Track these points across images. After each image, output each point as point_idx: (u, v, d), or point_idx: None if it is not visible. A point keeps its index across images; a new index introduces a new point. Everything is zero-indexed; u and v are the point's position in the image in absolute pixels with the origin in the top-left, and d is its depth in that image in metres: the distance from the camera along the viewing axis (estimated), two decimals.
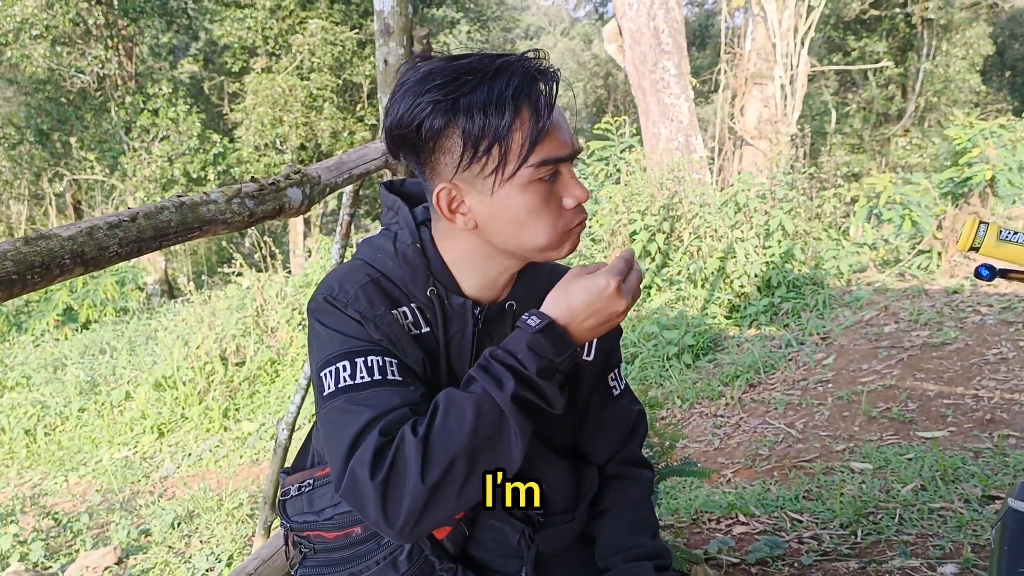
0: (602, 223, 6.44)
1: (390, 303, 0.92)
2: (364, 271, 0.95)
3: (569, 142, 0.89)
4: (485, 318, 0.96)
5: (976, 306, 4.55)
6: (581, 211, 0.92)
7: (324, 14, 13.09)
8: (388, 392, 0.85)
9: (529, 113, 0.85)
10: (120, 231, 0.86)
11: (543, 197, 0.88)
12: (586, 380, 1.08)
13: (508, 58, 0.86)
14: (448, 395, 0.84)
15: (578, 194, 0.90)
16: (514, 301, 0.98)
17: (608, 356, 1.10)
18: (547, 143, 0.86)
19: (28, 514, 3.93)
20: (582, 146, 0.92)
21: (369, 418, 0.83)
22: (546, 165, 0.87)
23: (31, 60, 11.98)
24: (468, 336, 0.96)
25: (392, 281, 0.95)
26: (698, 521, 2.72)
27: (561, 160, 0.88)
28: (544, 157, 0.86)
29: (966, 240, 1.05)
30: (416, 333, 0.94)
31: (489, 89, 0.83)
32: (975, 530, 2.30)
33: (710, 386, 4.36)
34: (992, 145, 5.64)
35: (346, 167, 1.41)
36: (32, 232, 0.76)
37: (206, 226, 1.01)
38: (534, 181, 0.87)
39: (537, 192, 0.87)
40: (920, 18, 14.13)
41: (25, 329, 8.84)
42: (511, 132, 0.84)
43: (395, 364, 0.88)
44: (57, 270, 0.77)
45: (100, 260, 0.83)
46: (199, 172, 12.68)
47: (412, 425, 0.81)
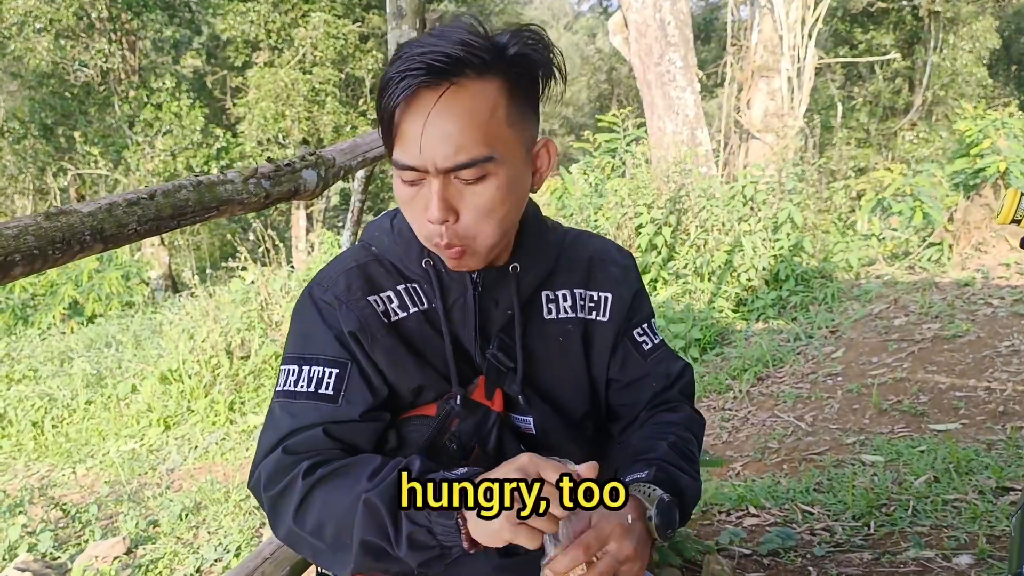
0: (608, 217, 6.41)
1: (370, 288, 0.93)
2: (355, 255, 0.97)
3: (426, 156, 0.80)
4: (484, 283, 0.95)
5: (988, 298, 4.53)
6: (443, 233, 0.84)
7: (326, 8, 13.06)
8: (312, 407, 0.88)
9: (391, 108, 0.81)
10: (139, 208, 0.84)
11: (408, 196, 0.85)
12: (601, 341, 1.03)
13: (429, 46, 0.80)
14: (361, 462, 0.84)
15: (429, 212, 0.82)
16: (518, 264, 0.96)
17: (628, 312, 1.05)
18: (399, 145, 0.82)
19: (36, 505, 3.94)
20: (461, 165, 0.80)
21: (285, 432, 0.88)
22: (399, 167, 0.83)
23: (35, 54, 11.98)
24: (470, 302, 0.94)
25: (386, 262, 0.96)
26: (708, 513, 2.71)
27: (410, 167, 0.82)
28: (396, 158, 0.83)
29: (1008, 211, 1.03)
30: (400, 317, 0.93)
31: (388, 72, 0.81)
32: (990, 521, 2.29)
33: (718, 380, 4.35)
34: (1003, 136, 5.60)
35: (360, 150, 1.40)
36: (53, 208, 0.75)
37: (223, 206, 1.00)
38: (398, 178, 0.85)
39: (403, 189, 0.85)
40: (927, 11, 14.07)
41: (31, 322, 8.86)
42: (385, 123, 0.83)
43: (334, 375, 0.89)
44: (77, 246, 0.75)
45: (119, 237, 0.82)
46: (202, 166, 12.69)
47: (312, 464, 0.84)
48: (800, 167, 6.52)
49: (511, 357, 0.97)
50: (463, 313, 0.95)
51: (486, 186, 0.83)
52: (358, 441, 0.90)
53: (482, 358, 0.96)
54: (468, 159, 0.80)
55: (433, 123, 0.79)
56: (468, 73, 0.80)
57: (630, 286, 1.06)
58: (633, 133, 7.47)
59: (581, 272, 1.03)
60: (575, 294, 1.02)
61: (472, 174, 0.81)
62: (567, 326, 1.01)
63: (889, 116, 15.95)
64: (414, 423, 0.94)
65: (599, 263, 1.05)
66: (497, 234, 0.87)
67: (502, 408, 0.96)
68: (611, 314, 1.03)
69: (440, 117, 0.79)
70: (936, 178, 6.06)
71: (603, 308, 1.03)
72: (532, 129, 0.88)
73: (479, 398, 0.95)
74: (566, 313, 1.01)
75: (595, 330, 1.03)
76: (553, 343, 1.01)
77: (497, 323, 0.97)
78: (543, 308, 1.01)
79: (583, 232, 1.10)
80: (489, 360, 0.96)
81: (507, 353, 0.97)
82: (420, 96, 0.79)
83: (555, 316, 1.01)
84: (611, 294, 1.04)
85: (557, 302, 1.01)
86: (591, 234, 1.10)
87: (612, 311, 1.03)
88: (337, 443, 0.88)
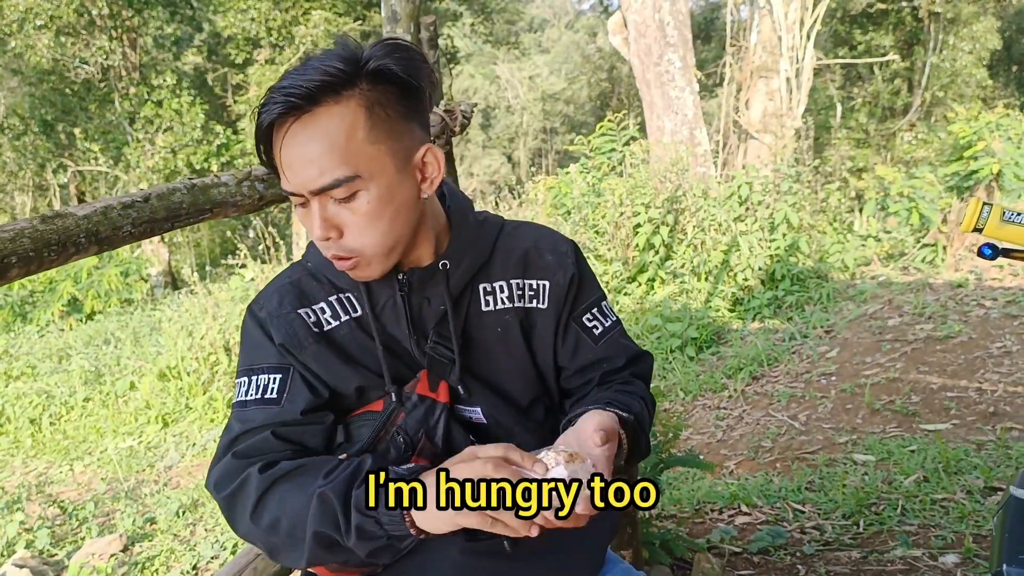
0: (605, 216, 6.43)
1: (301, 302, 0.98)
2: (291, 272, 1.03)
3: (299, 182, 0.86)
4: (411, 282, 0.98)
5: (980, 300, 4.55)
6: (329, 247, 0.91)
7: (327, 5, 13.07)
8: (259, 411, 0.93)
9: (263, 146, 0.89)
10: (133, 211, 0.87)
11: (301, 216, 0.92)
12: (543, 328, 1.05)
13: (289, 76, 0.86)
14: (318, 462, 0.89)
15: (313, 232, 0.89)
16: (447, 260, 1.00)
17: (568, 296, 1.06)
18: (281, 175, 0.89)
19: (34, 502, 3.95)
20: (328, 185, 0.86)
21: (233, 437, 0.93)
22: (286, 192, 0.90)
23: (35, 50, 11.97)
24: (399, 302, 0.99)
25: (320, 275, 1.01)
26: (701, 511, 2.74)
27: (292, 195, 0.89)
28: (281, 186, 0.90)
29: (970, 221, 1.06)
30: (332, 326, 0.98)
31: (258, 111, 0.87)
32: (977, 521, 2.31)
33: (713, 378, 4.37)
34: (998, 139, 5.62)
35: None
36: (49, 211, 0.77)
37: (217, 208, 1.02)
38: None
39: (297, 211, 0.92)
40: (927, 12, 14.07)
41: (30, 319, 8.87)
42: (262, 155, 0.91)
43: (277, 380, 0.95)
44: (73, 248, 0.78)
45: (114, 240, 0.84)
46: (202, 163, 12.69)
47: (266, 464, 0.89)
48: (796, 168, 6.54)
49: (450, 349, 1.00)
50: (395, 313, 0.99)
51: (359, 202, 0.88)
52: (307, 441, 0.94)
53: (421, 353, 1.00)
54: (332, 180, 0.85)
55: (296, 151, 0.85)
56: (324, 100, 0.85)
57: (566, 271, 1.07)
58: (629, 132, 7.48)
59: (517, 263, 1.06)
60: (511, 284, 1.05)
61: (341, 193, 0.87)
62: (505, 316, 1.04)
63: (888, 117, 15.95)
64: (362, 419, 0.98)
65: (535, 252, 1.07)
66: (385, 243, 0.92)
67: (447, 399, 1.00)
68: (549, 301, 1.05)
69: (302, 145, 0.85)
70: (928, 180, 6.08)
71: (542, 296, 1.05)
72: (407, 139, 0.91)
73: (423, 391, 0.99)
74: (503, 304, 1.04)
75: (535, 318, 1.05)
76: (493, 334, 1.03)
77: (432, 319, 1.00)
78: (481, 300, 1.04)
79: (524, 223, 1.12)
80: (429, 354, 1.00)
81: (446, 346, 1.00)
82: (284, 127, 0.86)
83: (493, 308, 1.04)
84: (548, 281, 1.06)
85: (494, 293, 1.04)
86: (532, 224, 1.12)
87: (550, 298, 1.05)
88: (286, 444, 0.92)
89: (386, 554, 0.86)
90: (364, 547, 0.83)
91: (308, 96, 0.84)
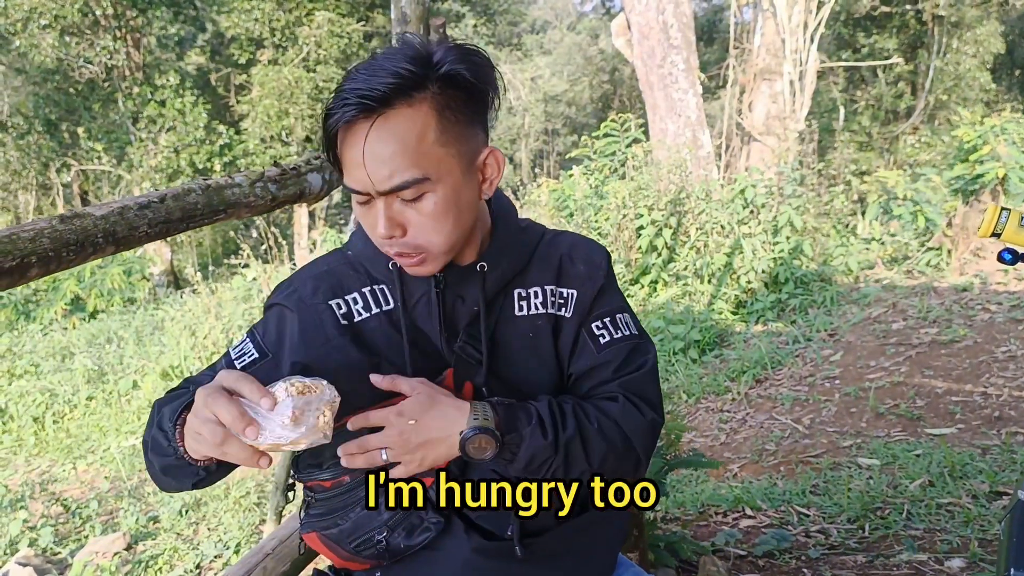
0: (608, 218, 6.43)
1: (335, 292, 0.99)
2: (328, 260, 1.04)
3: (366, 182, 0.87)
4: (447, 280, 0.99)
5: (985, 304, 4.55)
6: (392, 244, 0.92)
7: (331, 6, 13.07)
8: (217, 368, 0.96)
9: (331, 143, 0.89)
10: (150, 212, 0.87)
11: (362, 212, 0.93)
12: (566, 336, 1.05)
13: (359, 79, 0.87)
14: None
15: (377, 230, 0.90)
16: (485, 263, 1.00)
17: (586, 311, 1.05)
18: (345, 171, 0.90)
19: (37, 500, 3.96)
20: (397, 187, 0.87)
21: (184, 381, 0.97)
22: (349, 190, 0.91)
23: (39, 50, 11.99)
24: (433, 298, 0.99)
25: (358, 264, 1.02)
26: (705, 514, 2.73)
27: (356, 192, 0.90)
28: (344, 182, 0.91)
29: (988, 226, 1.06)
30: (362, 317, 0.99)
31: (326, 108, 0.88)
32: (982, 525, 2.31)
33: (716, 381, 4.37)
34: (1003, 143, 5.62)
35: None
36: (67, 211, 0.77)
37: (231, 209, 1.02)
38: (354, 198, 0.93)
39: (357, 208, 0.93)
40: (931, 15, 14.05)
41: (33, 318, 8.88)
42: (329, 152, 0.92)
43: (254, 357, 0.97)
44: (91, 248, 0.78)
45: (131, 239, 0.84)
46: (205, 163, 12.69)
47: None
48: (799, 171, 6.53)
49: (479, 350, 1.00)
50: (428, 309, 1.00)
51: (425, 203, 0.89)
52: None
53: (449, 352, 0.99)
54: (402, 182, 0.86)
55: (368, 152, 0.86)
56: (396, 103, 0.86)
57: (595, 283, 1.07)
58: (631, 134, 7.48)
59: (553, 270, 1.06)
60: (546, 291, 1.05)
61: (410, 194, 0.88)
62: (537, 321, 1.04)
63: (891, 120, 15.93)
64: None
65: (569, 260, 1.07)
66: (448, 242, 0.93)
67: (471, 399, 0.99)
68: (574, 310, 1.06)
69: (373, 146, 0.86)
70: (934, 183, 6.08)
71: (569, 304, 1.06)
72: (473, 142, 0.93)
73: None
74: (536, 309, 1.04)
75: (562, 326, 1.05)
76: (523, 338, 1.03)
77: (464, 319, 1.00)
78: (515, 304, 1.04)
79: (563, 232, 1.13)
80: (457, 353, 0.99)
81: (475, 347, 1.00)
82: (355, 127, 0.86)
83: (526, 312, 1.04)
84: (576, 291, 1.06)
85: (528, 299, 1.04)
86: (570, 233, 1.14)
87: (575, 308, 1.06)
88: None
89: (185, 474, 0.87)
90: (157, 460, 0.87)
91: (382, 98, 0.85)
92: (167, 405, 0.87)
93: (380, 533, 0.97)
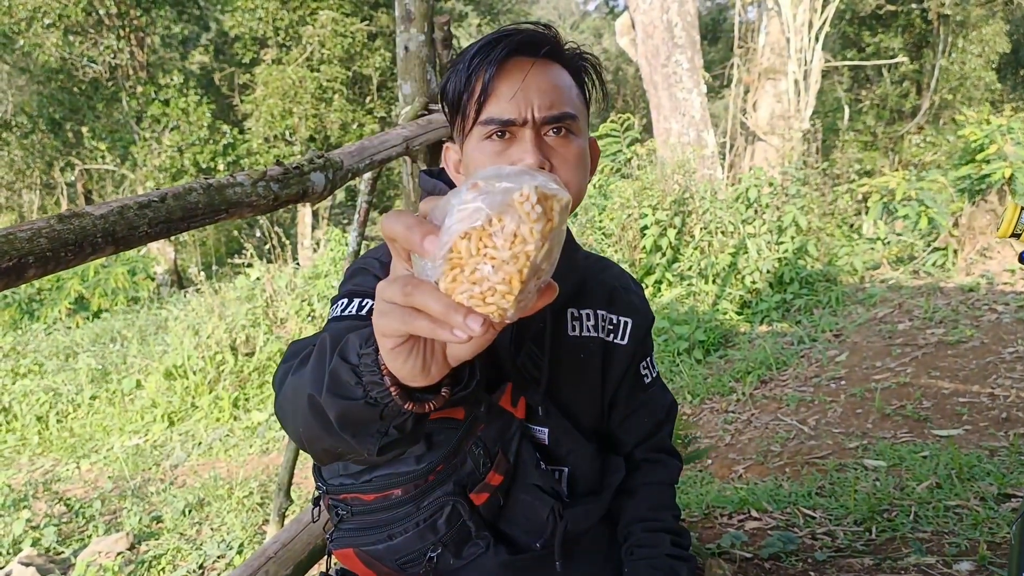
0: (612, 218, 6.41)
1: None
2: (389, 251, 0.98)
3: (525, 106, 0.89)
4: None
5: (992, 304, 4.52)
6: None
7: (335, 5, 13.07)
8: (349, 324, 0.89)
9: (481, 74, 0.90)
10: (150, 211, 0.86)
11: (491, 155, 0.91)
12: (618, 364, 1.08)
13: (511, 28, 0.92)
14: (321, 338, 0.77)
15: (527, 160, 0.89)
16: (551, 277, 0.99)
17: (640, 343, 1.11)
18: (494, 102, 0.90)
19: (40, 500, 3.96)
20: (559, 115, 0.91)
21: (310, 340, 0.84)
22: (491, 124, 0.90)
23: (43, 49, 12.02)
24: None
25: None
26: (710, 516, 2.71)
27: (505, 122, 0.89)
28: (488, 116, 0.90)
29: (1007, 226, 1.04)
30: None
31: (467, 53, 0.91)
32: (991, 528, 2.28)
33: (721, 382, 4.35)
34: (1010, 142, 5.59)
35: (368, 153, 1.41)
36: (66, 211, 0.76)
37: (232, 208, 1.01)
38: (484, 139, 0.91)
39: (485, 150, 0.91)
40: (936, 14, 14.00)
41: (37, 317, 8.89)
42: (469, 91, 0.91)
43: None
44: (89, 248, 0.76)
45: (130, 239, 0.83)
46: (208, 162, 12.71)
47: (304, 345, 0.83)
48: (804, 171, 6.51)
49: (538, 367, 0.99)
50: None
51: (572, 142, 0.93)
52: None
53: (512, 365, 0.98)
54: (561, 111, 0.91)
55: (531, 81, 0.90)
56: (559, 58, 0.94)
57: (647, 317, 1.13)
58: (632, 134, 7.46)
59: (605, 295, 1.09)
60: (598, 315, 1.07)
61: (563, 128, 0.92)
62: (590, 344, 1.05)
63: (896, 119, 15.88)
64: (441, 425, 0.94)
65: (622, 289, 1.11)
66: (580, 192, 0.95)
67: (524, 416, 0.99)
68: (629, 339, 1.09)
69: (536, 77, 0.90)
70: (940, 183, 6.04)
71: (623, 332, 1.08)
72: (587, 123, 0.99)
73: (505, 404, 0.97)
74: (589, 332, 1.06)
75: (614, 352, 1.08)
76: (574, 359, 1.04)
77: (529, 332, 1.00)
78: (568, 324, 1.04)
79: (601, 257, 1.17)
80: (518, 368, 0.99)
81: (534, 363, 1.00)
82: (517, 60, 0.91)
83: (578, 333, 1.05)
84: (631, 320, 1.09)
85: (581, 320, 1.06)
86: (608, 260, 1.18)
87: (631, 337, 1.09)
88: None
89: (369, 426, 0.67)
90: (335, 404, 0.66)
91: (542, 42, 0.92)
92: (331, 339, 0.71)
93: (434, 550, 0.93)
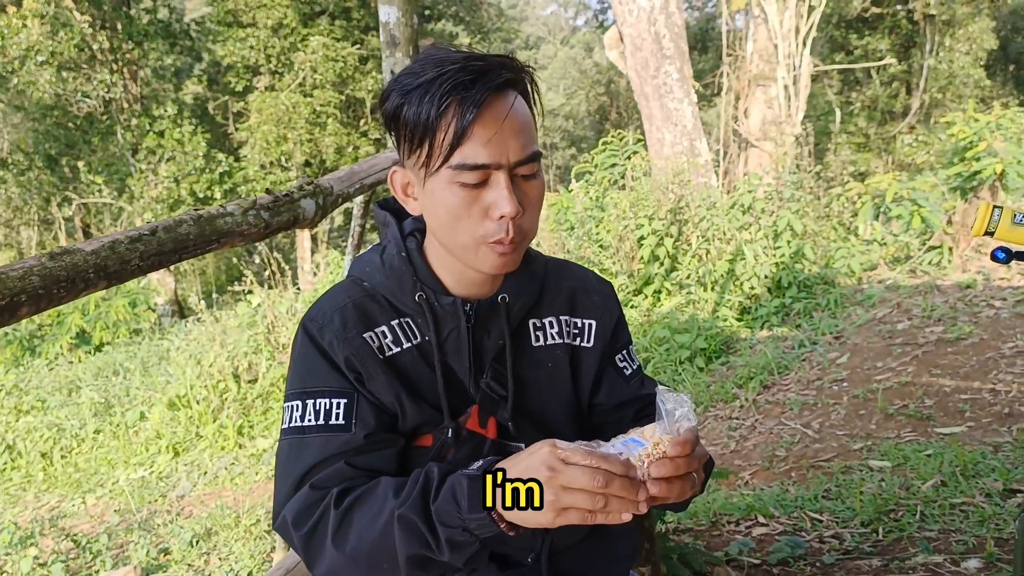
0: (609, 229, 6.43)
1: (365, 325, 0.94)
2: (347, 292, 0.98)
3: (501, 152, 0.84)
4: (477, 314, 0.97)
5: (990, 300, 4.52)
6: (511, 227, 0.87)
7: (325, 31, 13.20)
8: (327, 439, 0.90)
9: (454, 112, 0.83)
10: (141, 245, 0.87)
11: (464, 201, 0.86)
12: (587, 366, 1.06)
13: (479, 58, 0.85)
14: (382, 482, 0.86)
15: (503, 208, 0.85)
16: (506, 294, 0.98)
17: (608, 341, 1.08)
18: (469, 146, 0.84)
19: (47, 536, 3.94)
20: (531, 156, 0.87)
21: (306, 469, 0.89)
22: (465, 169, 0.84)
23: (37, 86, 12.11)
24: (463, 333, 0.96)
25: (379, 297, 0.97)
26: (717, 523, 2.71)
27: (482, 167, 0.84)
28: (462, 160, 0.84)
29: (981, 225, 1.06)
30: (394, 352, 0.95)
31: (432, 81, 0.84)
32: (998, 524, 2.28)
33: (724, 388, 4.34)
34: (999, 138, 5.62)
35: (357, 177, 1.42)
36: (57, 248, 0.77)
37: (224, 238, 1.02)
38: (454, 183, 0.86)
39: (457, 194, 0.86)
40: (922, 14, 14.10)
41: (39, 353, 8.89)
42: (437, 128, 0.84)
43: (343, 405, 0.91)
44: (82, 284, 0.78)
45: (123, 273, 0.84)
46: (205, 191, 12.77)
47: (341, 491, 0.86)
48: (797, 175, 6.54)
49: (503, 386, 0.99)
50: (456, 345, 0.97)
51: (538, 181, 0.90)
52: (381, 467, 0.91)
53: (476, 388, 0.98)
54: (531, 152, 0.87)
55: (509, 122, 0.85)
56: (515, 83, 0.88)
57: (611, 313, 1.09)
58: (630, 148, 7.50)
59: (565, 300, 1.07)
60: (560, 321, 1.06)
61: (532, 169, 0.88)
62: (555, 352, 1.04)
63: (887, 120, 15.95)
64: (412, 454, 0.96)
65: (582, 291, 1.09)
66: (535, 230, 0.92)
67: (495, 435, 0.99)
68: (595, 340, 1.07)
69: (511, 118, 0.86)
70: (931, 182, 6.07)
71: (587, 334, 1.07)
72: None
73: (473, 427, 0.97)
74: (553, 340, 1.05)
75: (581, 356, 1.06)
76: (542, 370, 1.03)
77: (490, 353, 0.99)
78: (531, 336, 1.04)
79: (563, 261, 1.14)
80: (483, 390, 0.98)
81: (500, 382, 0.99)
82: (488, 101, 0.84)
83: (543, 343, 1.04)
84: (595, 321, 1.07)
85: (544, 329, 1.05)
86: (571, 263, 1.15)
87: (596, 337, 1.07)
88: (361, 472, 0.90)
89: (483, 555, 0.83)
90: (460, 556, 0.81)
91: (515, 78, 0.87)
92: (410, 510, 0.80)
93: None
